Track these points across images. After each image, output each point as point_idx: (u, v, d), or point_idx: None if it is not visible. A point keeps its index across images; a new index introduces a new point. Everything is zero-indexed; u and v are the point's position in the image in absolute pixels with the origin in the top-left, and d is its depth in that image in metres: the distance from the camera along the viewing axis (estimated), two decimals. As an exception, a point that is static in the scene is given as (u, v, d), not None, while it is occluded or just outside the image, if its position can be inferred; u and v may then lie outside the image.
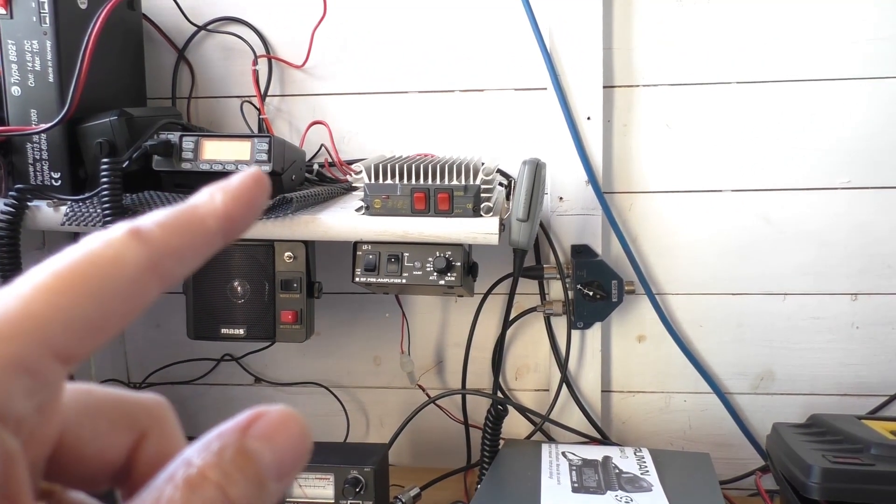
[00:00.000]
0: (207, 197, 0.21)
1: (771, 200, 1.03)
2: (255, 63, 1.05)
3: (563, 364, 1.05)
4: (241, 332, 0.90)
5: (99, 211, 0.80)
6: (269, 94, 1.08)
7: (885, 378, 1.05)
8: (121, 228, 0.20)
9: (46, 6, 0.82)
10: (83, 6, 0.86)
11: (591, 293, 1.00)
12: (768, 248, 1.04)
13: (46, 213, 0.84)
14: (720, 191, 1.04)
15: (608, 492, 0.80)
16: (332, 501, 0.88)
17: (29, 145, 0.86)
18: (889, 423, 0.87)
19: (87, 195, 0.83)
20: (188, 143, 0.84)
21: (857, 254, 1.03)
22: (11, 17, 0.83)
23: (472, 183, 0.80)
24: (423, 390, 1.11)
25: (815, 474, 0.76)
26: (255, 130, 1.07)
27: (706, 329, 1.07)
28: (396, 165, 0.81)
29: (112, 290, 0.19)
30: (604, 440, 1.04)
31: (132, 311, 0.20)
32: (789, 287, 1.05)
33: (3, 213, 0.81)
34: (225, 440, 0.19)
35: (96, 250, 0.19)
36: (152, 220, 0.20)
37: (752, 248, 1.05)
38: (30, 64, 0.84)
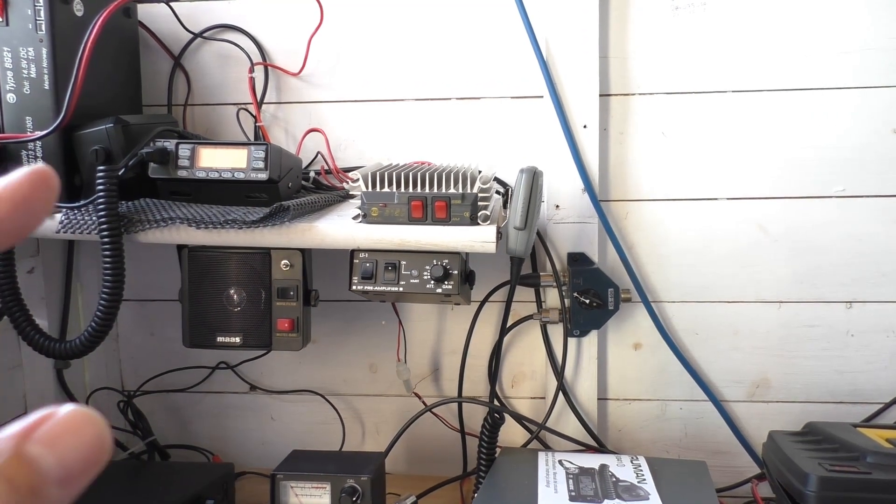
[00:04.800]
0: None
1: (766, 209, 1.04)
2: (251, 70, 1.05)
3: (559, 372, 1.05)
4: (237, 340, 0.90)
5: (94, 219, 0.80)
6: (265, 101, 1.08)
7: (880, 385, 1.05)
8: None
9: (42, 13, 0.82)
10: (79, 14, 0.86)
11: (587, 301, 1.00)
12: (763, 256, 1.05)
13: (41, 220, 0.83)
14: (716, 199, 1.04)
15: (605, 500, 0.80)
16: (329, 510, 0.88)
17: (24, 153, 0.85)
18: (884, 431, 0.87)
19: (82, 203, 0.83)
20: (184, 150, 0.84)
21: (852, 262, 1.04)
22: (7, 25, 0.83)
23: (469, 191, 0.80)
24: (420, 398, 1.11)
25: (811, 483, 0.76)
26: (252, 138, 1.07)
27: (702, 337, 1.07)
28: (394, 173, 0.81)
29: None
30: (600, 448, 1.04)
31: None
32: (784, 295, 1.05)
33: (-3, 220, 0.81)
34: (2, 445, 0.18)
35: None
36: None
37: (747, 257, 1.05)
38: (25, 71, 0.83)
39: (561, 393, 1.05)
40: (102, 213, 0.79)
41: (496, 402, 1.09)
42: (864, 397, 1.06)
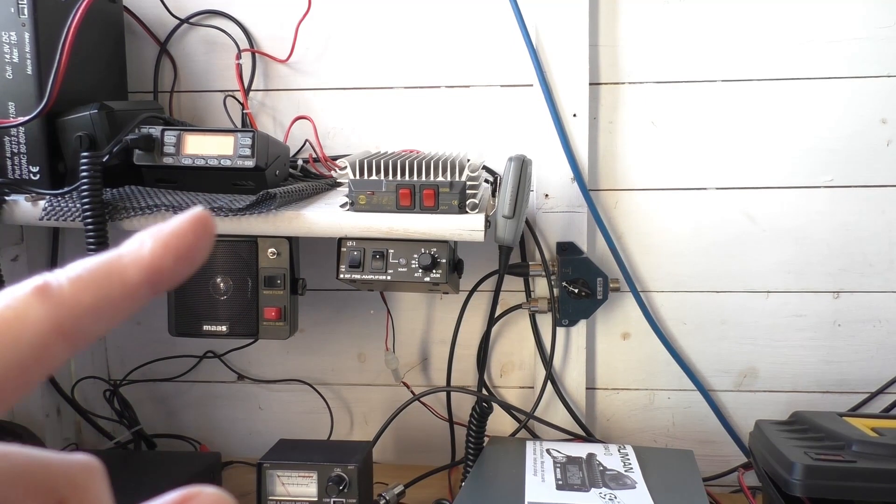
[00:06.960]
0: (136, 244, 0.20)
1: (754, 198, 1.04)
2: (238, 57, 1.04)
3: (548, 361, 1.05)
4: (224, 328, 0.89)
5: (78, 206, 0.79)
6: (252, 88, 1.07)
7: (867, 375, 1.06)
8: (28, 285, 0.18)
9: (25, -3, 0.81)
10: (63, -3, 0.85)
11: (576, 290, 1.00)
12: (752, 245, 1.05)
13: (24, 207, 0.82)
14: (704, 188, 1.04)
15: (592, 489, 0.80)
16: (316, 499, 0.87)
17: (7, 139, 0.84)
18: (870, 420, 0.88)
19: (66, 189, 0.82)
20: (170, 137, 0.83)
21: (840, 252, 1.04)
22: (-11, 8, 0.82)
23: (457, 179, 0.80)
24: (408, 387, 1.11)
25: (797, 471, 0.77)
26: (239, 125, 1.06)
27: (690, 326, 1.08)
28: (382, 161, 0.80)
29: (8, 356, 0.18)
30: (588, 437, 1.04)
31: (34, 378, 0.18)
32: (772, 285, 1.06)
33: (-21, 207, 0.80)
34: None
35: None
36: (65, 274, 0.19)
37: (735, 246, 1.05)
38: (8, 56, 0.82)
39: (549, 382, 1.05)
40: (86, 200, 0.78)
41: (484, 392, 1.09)
42: (851, 387, 1.06)
